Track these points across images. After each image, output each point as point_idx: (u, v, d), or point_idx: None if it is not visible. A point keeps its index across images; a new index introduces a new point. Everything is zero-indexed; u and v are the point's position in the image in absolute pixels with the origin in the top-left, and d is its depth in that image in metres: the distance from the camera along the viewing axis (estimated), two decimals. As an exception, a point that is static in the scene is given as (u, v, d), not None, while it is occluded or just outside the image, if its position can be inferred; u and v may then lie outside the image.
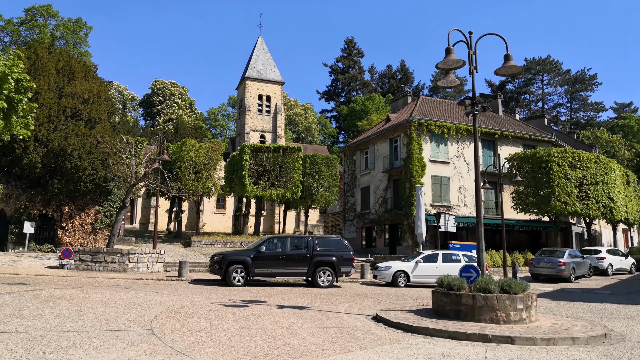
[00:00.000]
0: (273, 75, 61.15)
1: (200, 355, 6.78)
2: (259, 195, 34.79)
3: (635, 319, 11.88)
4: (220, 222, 52.49)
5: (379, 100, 79.99)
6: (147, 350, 6.94)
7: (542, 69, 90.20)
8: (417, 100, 40.59)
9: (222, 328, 8.93)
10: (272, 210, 53.48)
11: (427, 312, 11.05)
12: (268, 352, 7.10)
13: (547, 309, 13.27)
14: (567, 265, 24.26)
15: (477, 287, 10.14)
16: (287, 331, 8.88)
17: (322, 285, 18.77)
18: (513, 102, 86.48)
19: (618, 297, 17.68)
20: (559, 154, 32.07)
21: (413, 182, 33.32)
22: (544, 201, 31.40)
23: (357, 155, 41.95)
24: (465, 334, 8.67)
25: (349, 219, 42.05)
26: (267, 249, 19.03)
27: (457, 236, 32.45)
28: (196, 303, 12.39)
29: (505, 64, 10.63)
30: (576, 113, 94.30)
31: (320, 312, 11.67)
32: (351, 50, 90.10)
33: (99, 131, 26.89)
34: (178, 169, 35.10)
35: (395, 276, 20.93)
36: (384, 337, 8.75)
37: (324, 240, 20.10)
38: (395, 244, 35.47)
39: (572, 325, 9.90)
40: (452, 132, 35.91)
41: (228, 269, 18.00)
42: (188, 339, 7.84)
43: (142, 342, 7.46)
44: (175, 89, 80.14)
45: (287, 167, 35.38)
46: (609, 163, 35.00)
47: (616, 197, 34.42)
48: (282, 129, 60.20)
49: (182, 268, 20.15)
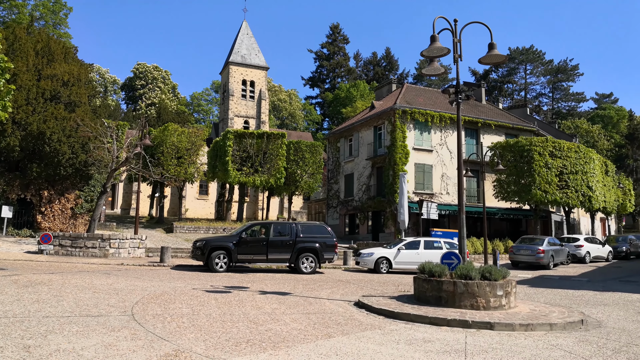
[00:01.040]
0: (257, 61, 60.62)
1: (181, 340, 6.75)
2: (242, 181, 34.64)
3: (611, 306, 12.13)
4: (202, 208, 52.24)
5: (363, 87, 79.89)
6: (128, 335, 6.89)
7: (526, 58, 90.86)
8: (402, 88, 40.62)
9: (204, 314, 8.91)
10: (255, 197, 53.35)
11: (408, 298, 11.14)
12: (250, 338, 7.10)
13: (526, 296, 13.49)
14: (546, 253, 24.65)
15: (458, 274, 10.25)
16: (270, 317, 8.89)
17: (305, 271, 18.82)
18: (496, 91, 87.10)
19: (595, 284, 18.04)
20: (541, 143, 32.43)
21: (396, 170, 33.46)
22: (524, 190, 31.79)
23: (341, 142, 41.94)
24: (445, 320, 8.77)
25: (333, 206, 42.14)
26: (250, 235, 19.00)
27: (439, 224, 32.75)
28: (178, 289, 12.33)
29: (489, 53, 10.64)
30: (558, 103, 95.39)
31: (303, 298, 11.70)
32: (336, 36, 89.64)
33: (79, 115, 26.42)
34: (160, 154, 34.74)
35: (378, 263, 21.07)
36: (365, 322, 8.81)
37: (307, 227, 20.12)
38: (378, 231, 35.68)
39: (550, 311, 10.07)
40: (435, 120, 36.05)
41: (210, 255, 17.93)
42: (169, 324, 7.80)
43: (123, 327, 7.40)
44: (158, 72, 79.05)
45: (271, 154, 35.24)
46: (589, 153, 35.52)
47: (595, 187, 34.99)
48: (266, 115, 59.87)
49: (164, 254, 20.03)
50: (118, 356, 5.81)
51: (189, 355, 5.98)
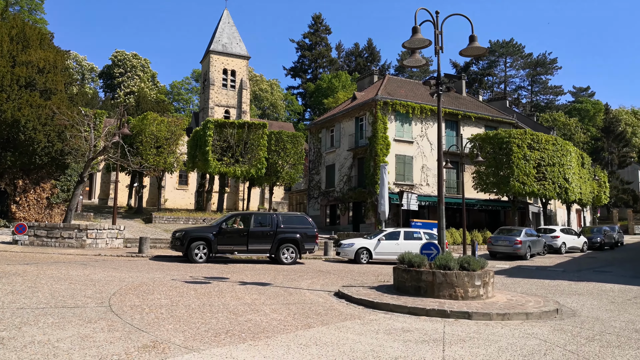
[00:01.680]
0: (239, 50, 60.06)
1: (160, 331, 6.69)
2: (223, 171, 34.40)
3: (585, 295, 12.38)
4: (182, 199, 51.80)
5: (345, 78, 79.79)
6: (105, 327, 6.80)
7: (506, 51, 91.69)
8: (383, 79, 40.67)
9: (183, 304, 8.84)
10: (236, 187, 53.08)
11: (388, 289, 11.22)
12: (229, 328, 7.07)
13: (504, 286, 13.68)
14: (523, 243, 25.03)
15: (437, 264, 10.34)
16: (249, 307, 8.87)
17: (285, 262, 18.81)
18: (477, 84, 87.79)
19: (570, 274, 18.39)
20: (519, 136, 32.81)
21: (377, 161, 33.57)
22: (503, 181, 32.18)
23: (322, 133, 41.88)
24: (424, 310, 8.85)
25: (314, 197, 42.15)
26: (231, 226, 18.90)
27: (419, 214, 33.01)
28: (157, 279, 12.22)
29: (470, 45, 10.67)
30: (536, 96, 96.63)
31: (283, 288, 11.70)
32: (318, 26, 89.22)
33: (55, 102, 25.88)
34: (139, 143, 34.26)
35: (358, 253, 21.16)
36: (345, 313, 8.84)
37: (288, 218, 20.09)
38: (359, 222, 35.83)
39: (526, 301, 10.23)
40: (416, 111, 36.20)
41: (190, 246, 17.80)
42: (148, 315, 7.73)
43: (100, 319, 7.31)
44: (137, 60, 77.84)
45: (252, 144, 35.03)
46: (566, 145, 36.07)
47: (571, 179, 35.59)
48: (247, 105, 59.46)
49: (143, 244, 19.82)
50: (95, 348, 5.73)
51: (167, 346, 5.93)
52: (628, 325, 8.50)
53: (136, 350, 5.69)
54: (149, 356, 5.50)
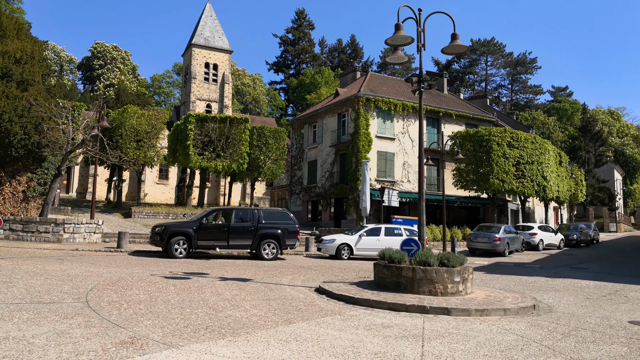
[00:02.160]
0: (221, 43, 59.57)
1: (138, 327, 6.62)
2: (204, 166, 34.13)
3: (562, 292, 12.59)
4: (162, 193, 51.32)
5: (328, 74, 79.72)
6: (82, 323, 6.71)
7: (487, 50, 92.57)
8: (366, 75, 40.73)
9: (162, 300, 8.76)
10: (217, 182, 52.76)
11: (368, 284, 11.27)
12: (209, 324, 7.03)
13: (482, 282, 13.85)
14: (502, 240, 25.34)
15: (417, 260, 10.41)
16: (230, 303, 8.82)
17: (266, 257, 18.76)
18: (458, 82, 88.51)
19: (547, 271, 18.68)
20: (499, 134, 33.17)
21: (359, 157, 33.65)
22: (483, 179, 32.51)
23: (305, 128, 41.82)
24: (404, 306, 8.91)
25: (296, 192, 42.11)
26: (211, 221, 18.78)
27: (400, 211, 33.20)
28: (135, 275, 12.09)
29: (452, 43, 10.74)
30: (516, 95, 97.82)
31: (264, 284, 11.67)
32: (302, 21, 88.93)
33: (32, 94, 25.34)
34: (119, 136, 33.80)
35: (339, 249, 21.20)
36: (326, 308, 8.86)
37: (270, 213, 20.03)
38: (341, 218, 35.91)
39: (504, 297, 10.37)
40: (398, 108, 36.36)
41: (170, 241, 17.63)
42: (126, 311, 7.64)
43: (77, 314, 7.20)
44: (117, 52, 76.69)
45: (234, 138, 34.81)
46: (544, 144, 36.59)
47: (549, 177, 36.13)
48: (229, 99, 59.06)
49: (122, 239, 19.59)
50: (71, 344, 5.65)
51: (145, 342, 5.87)
52: (603, 321, 8.68)
53: (114, 347, 5.62)
54: (127, 352, 5.44)
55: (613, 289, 13.45)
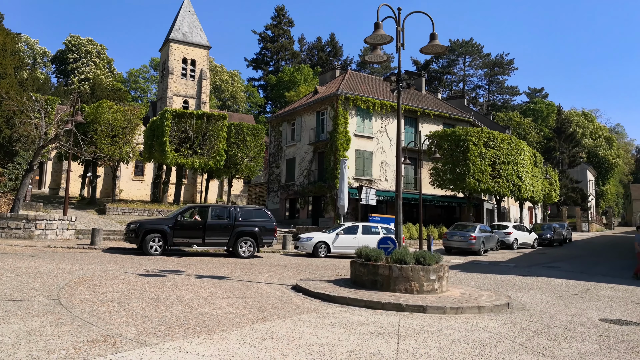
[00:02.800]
0: (199, 39, 59.00)
1: (111, 325, 6.50)
2: (181, 162, 33.76)
3: (535, 290, 12.81)
4: (138, 190, 50.63)
5: (307, 71, 79.62)
6: (53, 321, 6.57)
7: (465, 51, 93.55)
8: (345, 74, 40.78)
9: (136, 298, 8.64)
10: (194, 179, 52.27)
11: (345, 282, 11.28)
12: (184, 322, 6.95)
13: (458, 280, 13.99)
14: (477, 239, 25.66)
15: (393, 259, 10.47)
16: (205, 301, 8.74)
17: (243, 255, 18.66)
18: (436, 82, 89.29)
19: (521, 269, 18.99)
20: (476, 134, 33.56)
21: (338, 156, 33.69)
22: (459, 178, 32.87)
23: (283, 126, 41.70)
24: (380, 303, 8.94)
25: (274, 190, 41.97)
26: (187, 218, 18.59)
27: (378, 209, 33.37)
28: (109, 272, 11.90)
29: (430, 43, 10.81)
30: (493, 95, 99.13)
31: (240, 282, 11.59)
32: (281, 18, 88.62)
33: (4, 87, 24.76)
34: (93, 131, 33.20)
35: (317, 247, 21.20)
36: (302, 306, 8.84)
37: (247, 211, 19.92)
38: (318, 216, 35.92)
39: (479, 295, 10.50)
40: (377, 107, 36.51)
41: (145, 238, 17.40)
42: (99, 309, 7.51)
43: (48, 312, 7.05)
44: (92, 46, 75.33)
45: (211, 135, 34.50)
46: (520, 144, 37.15)
47: (524, 177, 36.72)
48: (207, 95, 58.55)
49: (95, 236, 19.26)
50: (41, 342, 5.52)
51: (118, 341, 5.77)
52: (574, 318, 8.85)
53: (85, 345, 5.52)
54: (99, 351, 5.34)
55: (584, 288, 13.73)
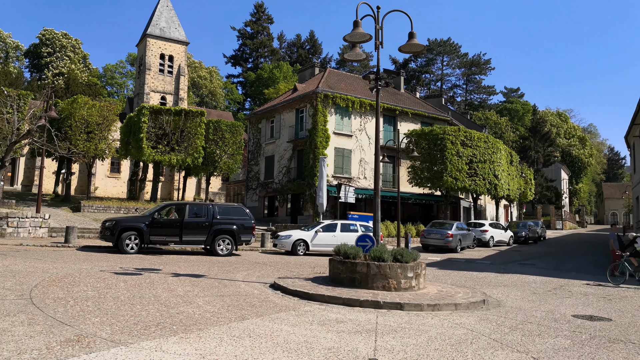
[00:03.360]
0: (177, 35, 58.35)
1: (85, 325, 6.39)
2: (158, 159, 33.36)
3: (510, 287, 13.01)
4: (114, 187, 49.91)
5: (287, 69, 79.38)
6: (25, 320, 6.43)
7: (443, 50, 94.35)
8: (325, 72, 40.79)
9: (112, 297, 8.51)
10: (171, 176, 51.73)
11: (323, 280, 11.29)
12: (160, 321, 6.87)
13: (435, 277, 14.13)
14: (454, 237, 25.94)
15: (371, 256, 10.51)
16: (182, 299, 8.66)
17: (221, 253, 18.54)
18: (414, 81, 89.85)
19: (496, 266, 19.26)
20: (453, 133, 33.90)
21: (317, 153, 33.69)
22: (437, 176, 33.17)
23: (262, 123, 41.52)
24: (358, 301, 8.97)
25: (252, 188, 41.78)
26: (164, 216, 18.39)
27: (356, 207, 33.46)
28: (83, 271, 11.69)
29: (409, 42, 10.86)
30: (470, 95, 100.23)
31: (218, 280, 11.51)
32: (260, 15, 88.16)
33: (-25, 81, 24.11)
34: (68, 127, 32.57)
35: (295, 245, 21.18)
36: (280, 304, 8.82)
37: (225, 209, 19.79)
38: (297, 214, 35.88)
39: (456, 292, 10.61)
40: (356, 105, 36.60)
41: (121, 236, 17.16)
42: (72, 308, 7.37)
43: (20, 312, 6.89)
44: (67, 40, 73.89)
45: (189, 132, 34.15)
46: (496, 143, 37.65)
47: (500, 175, 37.23)
48: (185, 92, 57.97)
49: (70, 234, 18.91)
50: (13, 342, 5.40)
51: (92, 340, 5.68)
52: (548, 315, 9.01)
53: (58, 345, 5.41)
54: (72, 351, 5.24)
55: (558, 284, 14.00)
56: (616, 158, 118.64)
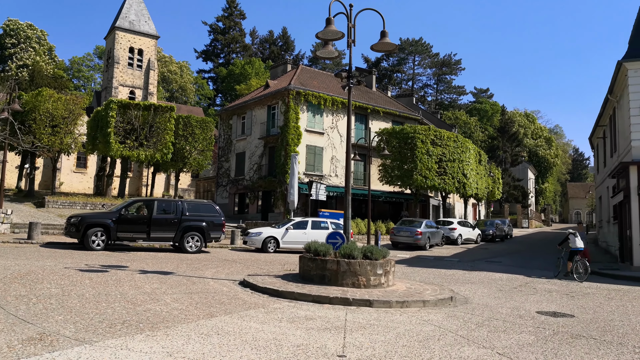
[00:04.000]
0: (147, 28, 57.33)
1: (48, 323, 6.23)
2: (126, 155, 32.74)
3: (477, 284, 13.24)
4: (80, 182, 48.79)
5: (259, 65, 78.88)
6: (-16, 319, 6.22)
7: (415, 50, 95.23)
8: (297, 69, 40.70)
9: (76, 294, 8.32)
10: (139, 172, 50.85)
11: (293, 277, 11.28)
12: (127, 319, 6.75)
13: (404, 275, 14.27)
14: (423, 234, 26.26)
15: (342, 253, 10.55)
16: (149, 297, 8.52)
17: (189, 250, 18.34)
18: (386, 80, 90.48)
19: (464, 264, 19.59)
20: (423, 132, 34.28)
21: (289, 151, 33.60)
22: (407, 175, 33.50)
23: (234, 119, 41.18)
24: (328, 298, 9.00)
25: (223, 185, 41.43)
26: (132, 213, 18.07)
27: (327, 204, 33.52)
28: (47, 267, 11.40)
29: (381, 40, 10.93)
30: (441, 94, 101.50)
31: (186, 277, 11.38)
32: (233, 10, 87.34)
33: None
34: (32, 121, 31.65)
35: (266, 242, 21.10)
36: (249, 301, 8.77)
37: (194, 205, 19.59)
38: (268, 211, 35.74)
39: (424, 289, 10.74)
40: (328, 103, 36.64)
41: (87, 232, 16.78)
42: (35, 306, 7.18)
43: (-22, 310, 6.67)
44: (32, 31, 71.70)
45: (158, 127, 33.61)
46: (465, 143, 38.25)
47: (469, 174, 37.85)
48: (154, 86, 57.02)
49: (33, 230, 18.41)
50: (-30, 342, 5.22)
51: (55, 339, 5.54)
52: (513, 311, 9.20)
53: (20, 344, 5.26)
54: (35, 349, 5.10)
55: (523, 281, 14.32)
56: (580, 159, 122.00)
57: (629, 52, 20.09)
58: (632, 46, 20.59)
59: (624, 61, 19.38)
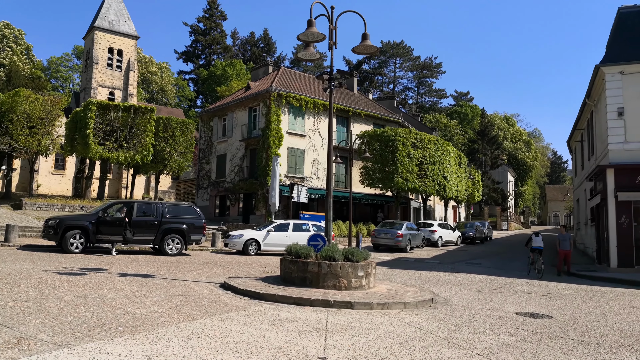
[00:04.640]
0: (127, 28, 56.71)
1: (25, 327, 6.13)
2: (105, 156, 32.32)
3: (457, 285, 13.37)
4: (58, 184, 47.96)
5: (240, 66, 78.60)
6: (-42, 323, 6.10)
7: (396, 52, 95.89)
8: (278, 71, 40.65)
9: (54, 297, 8.19)
10: (119, 174, 50.22)
11: (275, 280, 11.27)
12: (105, 322, 6.67)
13: (385, 276, 14.35)
14: (404, 236, 26.42)
15: (323, 255, 10.57)
16: (129, 300, 8.44)
17: (170, 253, 18.18)
18: (367, 82, 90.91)
19: (445, 266, 19.76)
20: (404, 134, 34.52)
21: (270, 153, 33.53)
22: (388, 177, 33.68)
23: (214, 121, 40.96)
24: (309, 300, 9.00)
25: (203, 187, 41.16)
26: (111, 215, 17.85)
27: (309, 207, 33.53)
28: (24, 271, 11.20)
29: (362, 43, 10.99)
30: (422, 97, 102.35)
31: (166, 280, 11.28)
32: (214, 11, 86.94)
33: None
34: (9, 121, 31.08)
35: (247, 244, 21.02)
36: (230, 304, 8.74)
37: (175, 208, 19.44)
38: (249, 213, 35.60)
39: (405, 291, 10.82)
40: (309, 105, 36.67)
41: (65, 235, 16.53)
42: (12, 309, 7.06)
43: (-48, 314, 6.54)
44: (9, 30, 70.38)
45: (138, 129, 33.26)
46: (446, 145, 38.62)
47: (449, 177, 38.21)
48: (134, 88, 56.39)
49: (10, 232, 18.05)
50: (-57, 347, 5.11)
51: (33, 343, 5.45)
52: (493, 312, 9.32)
53: (-5, 349, 5.16)
54: (12, 354, 5.02)
55: (503, 283, 14.50)
56: (559, 162, 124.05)
57: (606, 57, 20.50)
58: (609, 51, 21.01)
59: (601, 65, 19.77)
